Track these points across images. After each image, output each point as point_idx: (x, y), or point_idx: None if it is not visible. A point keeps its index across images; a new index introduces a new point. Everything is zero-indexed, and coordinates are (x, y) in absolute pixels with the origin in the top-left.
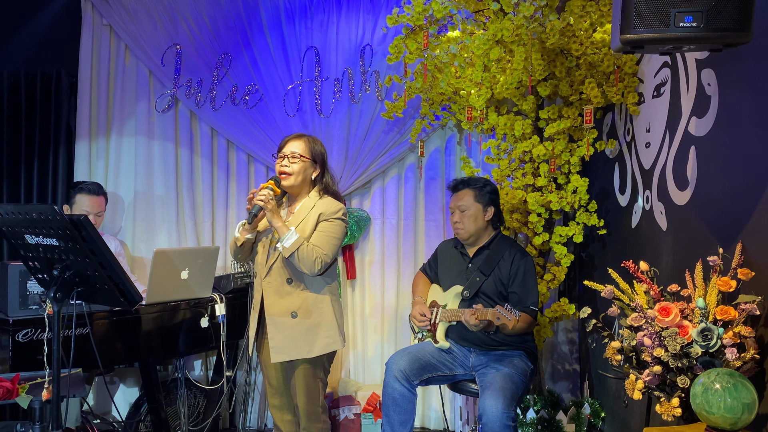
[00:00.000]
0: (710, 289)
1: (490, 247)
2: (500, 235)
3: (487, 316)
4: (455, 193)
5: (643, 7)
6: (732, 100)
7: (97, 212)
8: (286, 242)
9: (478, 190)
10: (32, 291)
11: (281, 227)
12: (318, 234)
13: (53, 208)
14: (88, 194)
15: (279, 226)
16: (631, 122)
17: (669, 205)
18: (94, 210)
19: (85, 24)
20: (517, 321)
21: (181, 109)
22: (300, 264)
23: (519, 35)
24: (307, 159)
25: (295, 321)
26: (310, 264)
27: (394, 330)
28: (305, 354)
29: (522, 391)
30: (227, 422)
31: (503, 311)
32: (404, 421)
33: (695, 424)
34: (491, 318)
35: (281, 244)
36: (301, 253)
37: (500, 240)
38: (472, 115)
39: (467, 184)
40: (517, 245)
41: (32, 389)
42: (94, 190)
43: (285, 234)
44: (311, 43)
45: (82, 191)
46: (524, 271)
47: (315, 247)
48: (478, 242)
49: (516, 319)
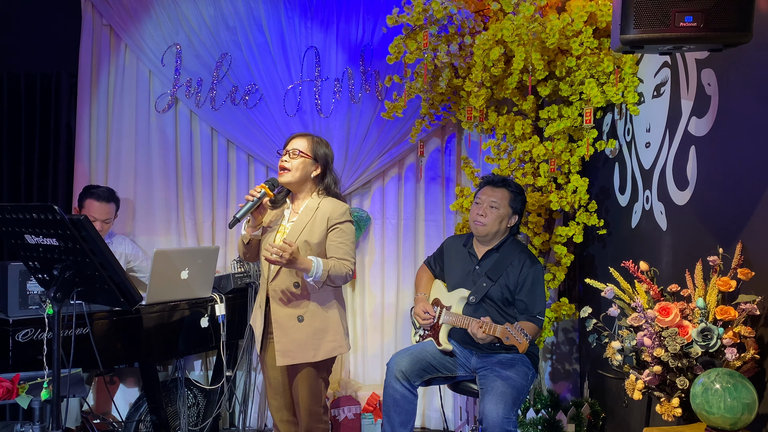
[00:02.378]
0: (710, 289)
1: (499, 250)
2: (511, 239)
3: (496, 333)
4: (492, 188)
5: (643, 7)
6: (732, 100)
7: (104, 219)
8: (317, 276)
9: (514, 195)
10: (32, 291)
11: (306, 265)
12: (336, 247)
13: (53, 208)
14: (96, 200)
15: (304, 267)
16: (631, 122)
17: (669, 205)
18: (101, 216)
19: (85, 24)
20: (528, 343)
21: (181, 109)
22: (334, 284)
23: (519, 35)
24: (307, 156)
25: (302, 325)
26: (342, 279)
27: (394, 330)
28: (311, 358)
29: (523, 396)
30: (227, 422)
31: (513, 332)
32: (405, 422)
33: (695, 424)
34: (500, 335)
35: (311, 280)
36: (332, 277)
37: (511, 244)
38: (472, 115)
39: (506, 184)
40: (528, 251)
41: (32, 389)
42: (104, 197)
43: (312, 268)
44: (311, 43)
45: (92, 196)
46: (533, 279)
47: (339, 261)
48: (490, 243)
49: (527, 342)
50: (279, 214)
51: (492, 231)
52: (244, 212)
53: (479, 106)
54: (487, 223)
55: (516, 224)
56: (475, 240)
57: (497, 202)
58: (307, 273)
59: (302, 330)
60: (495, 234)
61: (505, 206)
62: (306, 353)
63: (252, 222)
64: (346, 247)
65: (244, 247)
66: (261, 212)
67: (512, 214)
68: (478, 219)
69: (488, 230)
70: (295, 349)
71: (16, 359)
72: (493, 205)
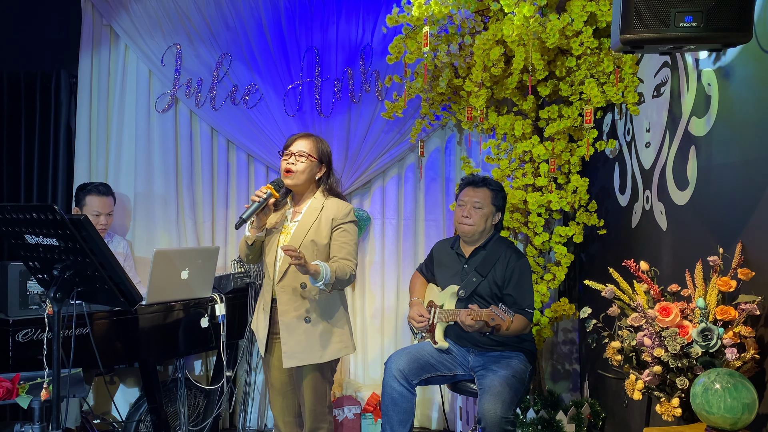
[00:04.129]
0: (710, 289)
1: (486, 247)
2: (497, 236)
3: (482, 316)
4: (474, 189)
5: (643, 7)
6: (732, 100)
7: (108, 212)
8: (326, 278)
9: (495, 193)
10: (32, 291)
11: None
12: (339, 246)
13: (53, 208)
14: (98, 195)
15: (312, 272)
16: (631, 122)
17: (669, 205)
18: (105, 210)
19: (85, 24)
20: (512, 322)
21: (181, 109)
22: (341, 287)
23: (519, 35)
24: (314, 158)
25: (309, 326)
26: (346, 281)
27: (394, 330)
28: (317, 359)
29: (521, 394)
30: (227, 422)
31: (498, 311)
32: (403, 421)
33: (695, 424)
34: (486, 318)
35: (322, 284)
36: (338, 279)
37: (497, 241)
38: (472, 115)
39: (486, 183)
40: (514, 247)
41: (32, 389)
42: (104, 191)
43: (320, 272)
44: (311, 43)
45: (92, 192)
46: (519, 273)
47: (342, 261)
48: (477, 242)
49: (510, 320)
50: (281, 216)
51: (478, 230)
52: (250, 213)
53: (479, 106)
54: (473, 224)
55: (500, 221)
56: (461, 241)
57: (480, 202)
58: (315, 278)
59: (309, 331)
60: (481, 233)
61: (488, 205)
62: (313, 354)
63: (256, 223)
64: (350, 247)
65: (247, 249)
66: (266, 213)
67: (495, 212)
68: (463, 221)
69: (475, 230)
70: (302, 350)
71: (16, 359)
72: (476, 206)
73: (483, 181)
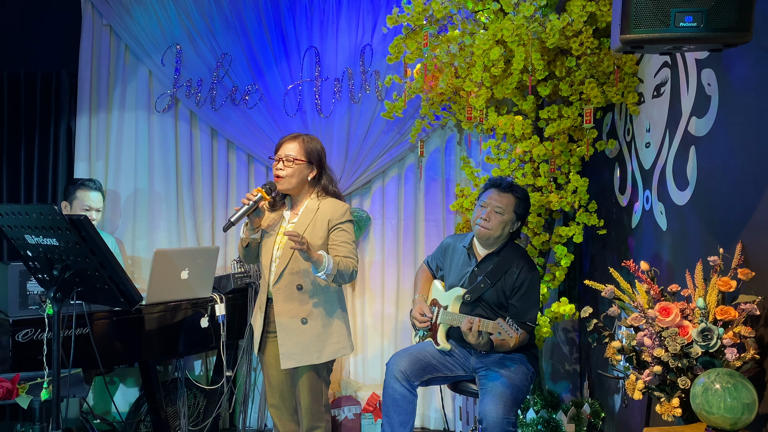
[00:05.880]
0: (710, 289)
1: (500, 254)
2: (512, 243)
3: (488, 328)
4: (499, 193)
5: (643, 7)
6: (732, 100)
7: (97, 208)
8: (328, 269)
9: (519, 201)
10: (32, 291)
11: (317, 260)
12: (339, 245)
13: (53, 208)
14: (89, 190)
15: (315, 260)
16: (631, 122)
17: (669, 205)
18: (96, 205)
19: (85, 24)
20: (518, 338)
21: (181, 109)
22: (341, 280)
23: (519, 35)
24: (301, 161)
25: (306, 327)
26: (349, 276)
27: (394, 330)
28: (315, 360)
29: (523, 396)
30: (227, 422)
31: (505, 326)
32: (404, 422)
33: (695, 424)
34: (492, 331)
35: (323, 274)
36: (341, 272)
37: (510, 248)
38: (472, 115)
39: (513, 189)
40: (527, 257)
41: (32, 389)
42: (95, 186)
43: (323, 262)
44: (311, 43)
45: (84, 187)
46: (529, 285)
47: (345, 258)
48: (492, 246)
49: (517, 336)
50: (278, 217)
51: (494, 236)
52: (239, 216)
53: (479, 106)
54: (490, 228)
55: (518, 229)
56: (475, 241)
57: (502, 208)
58: (318, 267)
59: (306, 332)
60: (497, 239)
61: (509, 212)
62: (310, 355)
63: (250, 225)
64: (350, 245)
65: (243, 250)
66: (258, 215)
67: (516, 220)
68: (481, 224)
69: (491, 234)
70: (299, 351)
71: (16, 359)
72: (497, 211)
73: (510, 186)
